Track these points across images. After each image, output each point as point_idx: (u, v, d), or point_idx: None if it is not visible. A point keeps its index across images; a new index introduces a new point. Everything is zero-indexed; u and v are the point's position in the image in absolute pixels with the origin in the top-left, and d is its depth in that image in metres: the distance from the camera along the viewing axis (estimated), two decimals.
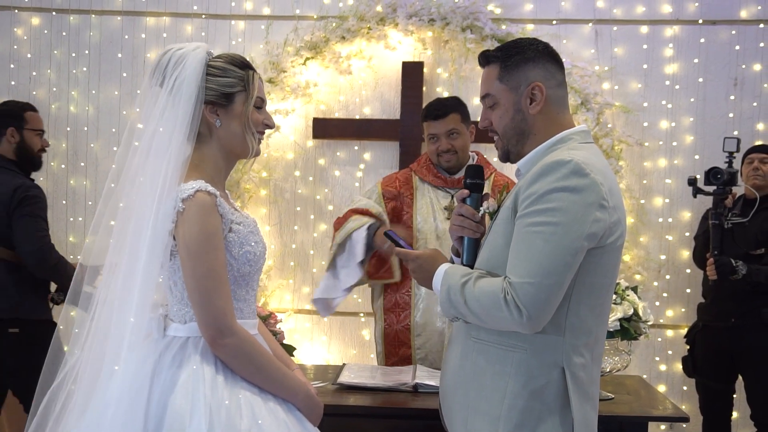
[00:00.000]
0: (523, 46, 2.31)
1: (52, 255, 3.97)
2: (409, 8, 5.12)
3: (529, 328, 2.09)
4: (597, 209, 2.10)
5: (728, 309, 4.38)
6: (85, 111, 5.40)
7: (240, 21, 5.37)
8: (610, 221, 2.14)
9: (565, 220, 2.06)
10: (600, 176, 2.13)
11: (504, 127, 2.31)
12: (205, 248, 2.13)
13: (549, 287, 2.06)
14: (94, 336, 2.20)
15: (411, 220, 3.85)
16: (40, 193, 4.06)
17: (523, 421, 2.15)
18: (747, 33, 5.12)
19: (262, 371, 2.19)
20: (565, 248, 2.06)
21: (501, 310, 2.08)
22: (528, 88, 2.27)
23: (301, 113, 5.30)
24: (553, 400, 2.15)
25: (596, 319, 2.22)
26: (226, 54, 2.31)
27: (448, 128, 3.76)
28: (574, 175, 2.09)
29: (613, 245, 2.18)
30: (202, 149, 2.27)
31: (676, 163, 5.16)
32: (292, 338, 5.16)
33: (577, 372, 2.17)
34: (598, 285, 2.19)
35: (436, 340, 3.77)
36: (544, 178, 2.11)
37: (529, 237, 2.09)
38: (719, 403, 4.57)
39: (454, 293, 2.19)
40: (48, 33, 5.43)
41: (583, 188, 2.09)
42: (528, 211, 2.11)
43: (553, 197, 2.08)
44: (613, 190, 2.17)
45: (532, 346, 2.16)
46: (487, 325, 2.18)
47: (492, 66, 2.33)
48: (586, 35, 5.22)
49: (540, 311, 2.06)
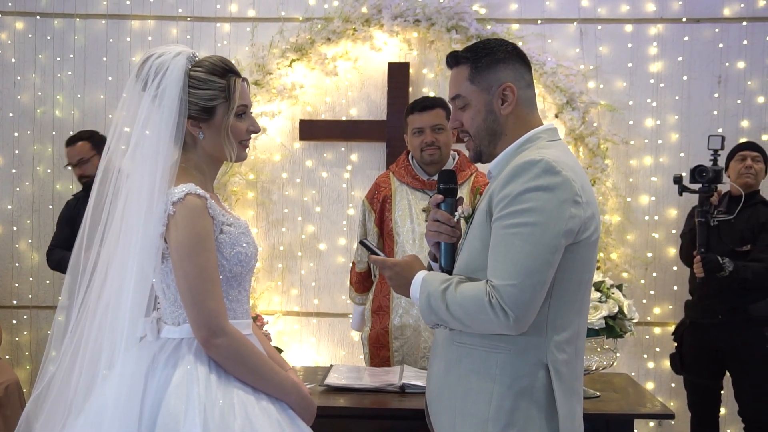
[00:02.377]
0: (492, 47, 2.31)
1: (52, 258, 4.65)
2: (394, 9, 5.12)
3: (515, 329, 2.09)
4: (571, 205, 2.11)
5: (715, 306, 4.40)
6: (70, 115, 5.38)
7: (225, 23, 5.37)
8: (585, 216, 2.15)
9: (541, 220, 2.08)
10: (571, 173, 2.14)
11: (476, 128, 2.31)
12: (196, 250, 2.14)
13: (532, 287, 2.06)
14: (88, 339, 2.20)
15: (391, 223, 3.86)
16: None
17: (511, 421, 2.15)
18: (730, 31, 5.14)
19: (255, 371, 2.19)
20: (544, 247, 2.07)
21: (486, 314, 2.08)
22: (499, 88, 2.27)
23: (288, 115, 5.30)
24: (539, 398, 2.16)
25: (576, 314, 2.23)
26: (208, 61, 2.28)
27: (433, 122, 3.74)
28: (546, 174, 2.11)
29: (588, 240, 2.19)
30: (188, 155, 2.28)
31: (662, 161, 5.19)
32: (280, 340, 5.16)
33: (560, 368, 2.17)
34: (576, 281, 2.20)
35: (412, 344, 3.78)
36: (516, 180, 2.13)
37: (507, 239, 2.10)
38: (707, 400, 4.58)
39: (435, 299, 2.18)
40: (32, 37, 5.41)
41: (556, 186, 2.10)
42: (504, 213, 2.12)
43: (527, 197, 2.10)
44: (585, 186, 2.19)
45: (515, 347, 2.16)
46: (471, 330, 2.18)
47: (462, 67, 2.32)
48: (571, 34, 5.23)
49: (525, 312, 2.07)
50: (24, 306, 5.20)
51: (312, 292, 5.35)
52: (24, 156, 5.43)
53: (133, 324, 2.18)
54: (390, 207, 3.87)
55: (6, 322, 5.31)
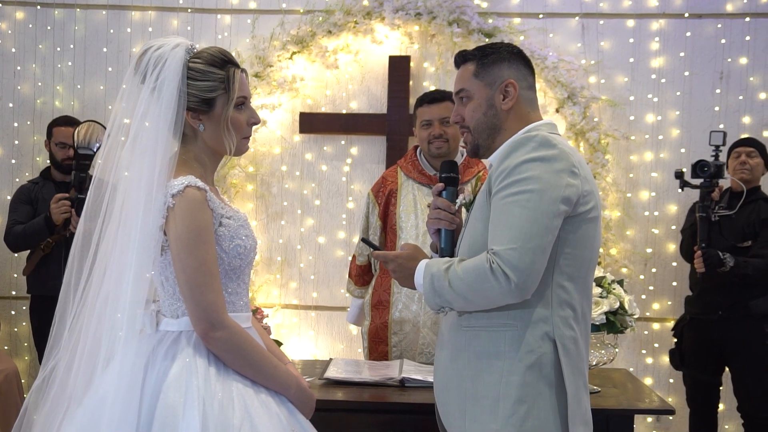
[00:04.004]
0: (498, 47, 2.41)
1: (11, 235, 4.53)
2: (396, 2, 5.11)
3: (517, 294, 2.12)
4: (568, 175, 2.18)
5: (715, 301, 4.40)
6: (70, 105, 5.37)
7: (226, 15, 5.35)
8: (583, 189, 2.21)
9: (539, 187, 2.14)
10: (567, 148, 2.23)
11: (476, 121, 2.37)
12: (195, 243, 2.13)
13: (532, 250, 2.10)
14: (87, 331, 2.20)
15: (395, 218, 3.85)
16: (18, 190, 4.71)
17: (522, 396, 2.18)
18: (733, 26, 5.13)
19: (255, 364, 2.19)
20: (542, 212, 2.12)
21: (488, 280, 2.11)
22: (502, 84, 2.35)
23: (288, 108, 5.29)
24: (548, 374, 2.19)
25: (580, 294, 2.26)
26: (206, 52, 2.26)
27: (442, 114, 3.73)
28: (543, 147, 2.19)
29: (587, 215, 2.23)
30: (188, 147, 2.27)
31: (663, 156, 5.18)
32: (279, 333, 5.15)
33: (567, 344, 2.20)
34: (578, 257, 2.24)
35: (411, 339, 3.76)
36: (514, 153, 2.20)
37: (506, 207, 2.15)
38: (706, 396, 4.59)
39: (438, 279, 2.21)
40: (33, 27, 5.40)
41: (553, 157, 2.18)
42: (502, 185, 2.18)
43: (524, 167, 2.16)
44: (582, 163, 2.25)
45: (522, 322, 2.19)
46: (474, 305, 2.20)
47: (468, 63, 2.41)
48: (572, 29, 5.22)
49: (527, 276, 2.10)
50: (23, 297, 5.18)
51: (311, 286, 5.35)
52: (23, 146, 5.41)
53: (132, 316, 2.17)
54: (395, 201, 3.86)
55: (5, 313, 5.31)
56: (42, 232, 4.34)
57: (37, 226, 4.34)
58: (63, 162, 4.59)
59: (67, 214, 4.18)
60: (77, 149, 4.11)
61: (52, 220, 4.24)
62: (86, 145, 4.11)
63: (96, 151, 4.04)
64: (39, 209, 4.50)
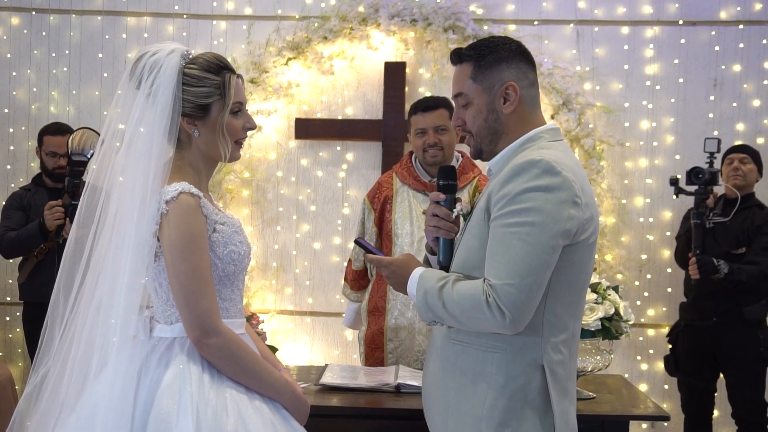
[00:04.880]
0: (496, 45, 2.30)
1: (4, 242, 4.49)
2: (391, 8, 5.12)
3: (511, 329, 2.09)
4: (570, 206, 2.11)
5: (710, 308, 4.41)
6: (65, 111, 5.37)
7: (221, 21, 5.36)
8: (583, 218, 2.15)
9: (540, 220, 2.08)
10: (571, 174, 2.14)
11: (478, 126, 2.30)
12: (189, 249, 2.13)
13: (529, 287, 2.06)
14: (80, 338, 2.19)
15: (390, 224, 3.84)
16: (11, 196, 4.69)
17: (505, 420, 2.15)
18: (727, 34, 5.15)
19: (248, 371, 2.18)
20: (542, 247, 2.07)
21: (483, 312, 2.08)
22: (502, 87, 2.26)
23: (284, 113, 5.29)
24: (533, 398, 2.16)
25: (572, 315, 2.23)
26: (202, 58, 2.26)
27: (436, 123, 3.70)
28: (546, 174, 2.11)
29: (586, 242, 2.19)
30: (183, 153, 2.27)
31: (657, 163, 5.19)
32: (274, 339, 5.15)
33: (555, 369, 2.17)
34: (573, 282, 2.20)
35: (407, 346, 3.74)
36: (516, 179, 2.12)
37: (505, 238, 2.10)
38: (701, 402, 4.59)
39: (431, 297, 2.18)
40: (27, 33, 5.40)
41: (556, 187, 2.10)
42: (502, 212, 2.12)
43: (526, 197, 2.10)
44: (585, 188, 2.19)
45: (511, 346, 2.16)
46: (467, 328, 2.18)
47: (465, 64, 2.31)
48: (567, 36, 5.24)
49: (522, 312, 2.07)
50: (16, 303, 5.16)
51: (306, 291, 5.34)
52: (19, 152, 5.41)
53: (126, 322, 2.16)
54: (391, 207, 3.84)
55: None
56: (35, 238, 4.32)
57: (31, 233, 4.33)
58: (53, 171, 4.58)
59: (61, 221, 4.17)
60: (71, 156, 4.10)
61: (45, 226, 4.23)
62: (80, 152, 4.10)
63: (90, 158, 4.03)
64: (32, 216, 4.48)
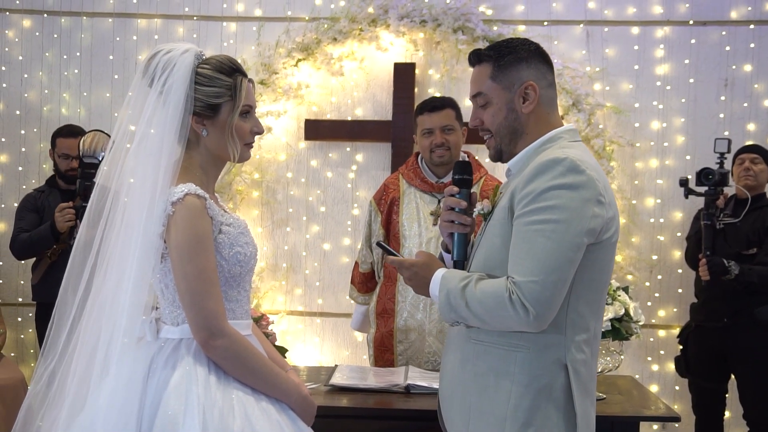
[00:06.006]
0: (515, 46, 2.31)
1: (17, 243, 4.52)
2: (401, 9, 5.12)
3: (535, 326, 2.09)
4: (595, 205, 2.12)
5: (720, 309, 4.39)
6: (77, 113, 5.39)
7: (231, 22, 5.37)
8: (607, 217, 2.16)
9: (564, 217, 2.08)
10: (595, 173, 2.15)
11: (497, 126, 2.30)
12: (195, 251, 2.13)
13: (553, 284, 2.06)
14: (86, 339, 2.20)
15: (398, 226, 3.83)
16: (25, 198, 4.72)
17: (530, 419, 2.15)
18: (737, 34, 5.13)
19: (255, 372, 2.19)
20: (566, 244, 2.07)
21: (506, 309, 2.08)
22: (521, 87, 2.27)
23: (293, 115, 5.30)
24: (557, 398, 2.16)
25: (593, 315, 2.23)
26: (215, 59, 2.28)
27: (443, 123, 3.70)
28: (571, 173, 2.11)
29: (609, 241, 2.20)
30: (191, 154, 2.28)
31: (668, 163, 5.18)
32: (284, 340, 5.15)
33: (579, 368, 2.18)
34: (596, 281, 2.21)
35: (416, 348, 3.73)
36: (540, 177, 2.13)
37: (530, 236, 2.10)
38: (712, 403, 4.57)
39: (454, 297, 2.18)
40: (39, 35, 5.42)
41: (580, 185, 2.11)
42: (527, 210, 2.12)
43: (551, 195, 2.10)
44: (607, 187, 2.20)
45: (535, 345, 2.16)
46: (490, 327, 2.17)
47: (484, 65, 2.32)
48: (577, 36, 5.23)
49: (546, 309, 2.07)
50: (29, 304, 5.19)
51: (316, 292, 5.35)
52: (30, 154, 5.43)
53: (132, 323, 2.17)
54: (398, 209, 3.84)
55: (11, 320, 5.32)
56: (47, 239, 4.35)
57: (43, 234, 4.36)
58: (66, 173, 4.60)
59: (72, 223, 4.19)
60: (82, 158, 4.12)
61: (56, 228, 4.26)
62: (91, 154, 4.12)
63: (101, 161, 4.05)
64: (45, 217, 4.51)
